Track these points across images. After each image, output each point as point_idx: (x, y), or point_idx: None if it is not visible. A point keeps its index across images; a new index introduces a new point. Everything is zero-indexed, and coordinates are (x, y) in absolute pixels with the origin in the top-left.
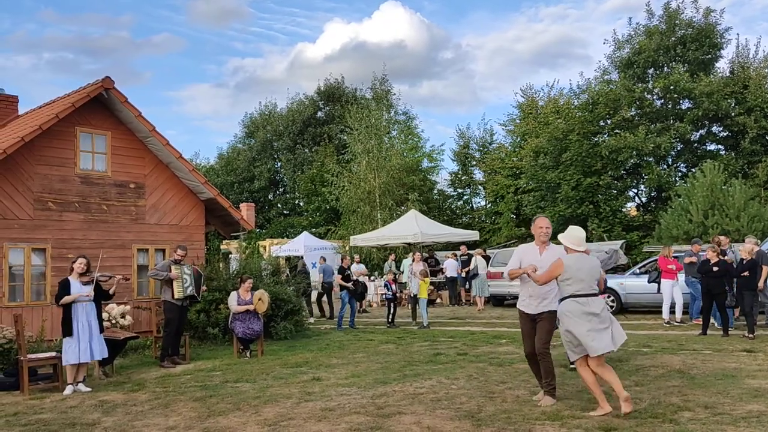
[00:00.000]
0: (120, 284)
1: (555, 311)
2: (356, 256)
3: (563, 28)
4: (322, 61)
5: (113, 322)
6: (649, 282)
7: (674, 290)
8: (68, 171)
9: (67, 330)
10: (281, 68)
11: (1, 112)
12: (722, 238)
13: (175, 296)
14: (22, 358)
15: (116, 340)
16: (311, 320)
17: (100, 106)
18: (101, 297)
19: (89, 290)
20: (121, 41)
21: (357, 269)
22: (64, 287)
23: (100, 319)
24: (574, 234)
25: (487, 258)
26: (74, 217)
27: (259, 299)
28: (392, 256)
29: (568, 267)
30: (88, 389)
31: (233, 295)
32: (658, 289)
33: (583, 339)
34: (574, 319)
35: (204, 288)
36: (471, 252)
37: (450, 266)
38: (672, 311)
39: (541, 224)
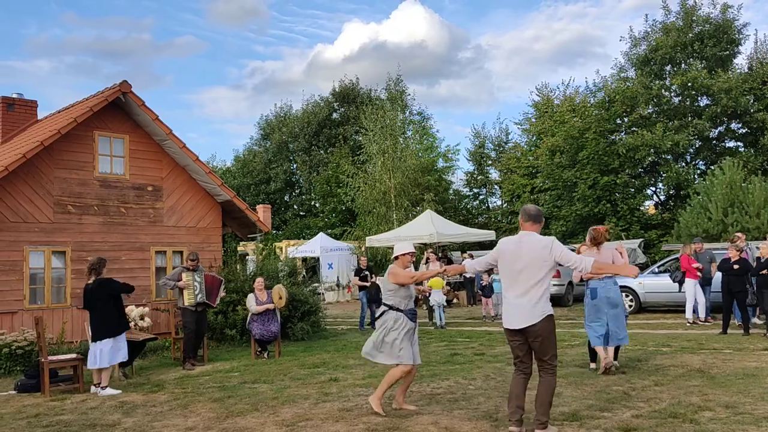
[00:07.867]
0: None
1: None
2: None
3: (582, 27)
4: (340, 62)
5: (132, 324)
6: (673, 281)
7: (697, 289)
8: (87, 174)
9: (125, 325)
10: (299, 70)
11: (20, 117)
12: (739, 235)
13: (186, 304)
14: (42, 359)
15: (135, 342)
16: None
17: (118, 109)
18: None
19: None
20: (141, 44)
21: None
22: (116, 281)
23: None
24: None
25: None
26: (93, 220)
27: (279, 297)
28: None
29: None
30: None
31: (251, 297)
32: (680, 288)
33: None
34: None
35: (223, 293)
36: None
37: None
38: (694, 310)
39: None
